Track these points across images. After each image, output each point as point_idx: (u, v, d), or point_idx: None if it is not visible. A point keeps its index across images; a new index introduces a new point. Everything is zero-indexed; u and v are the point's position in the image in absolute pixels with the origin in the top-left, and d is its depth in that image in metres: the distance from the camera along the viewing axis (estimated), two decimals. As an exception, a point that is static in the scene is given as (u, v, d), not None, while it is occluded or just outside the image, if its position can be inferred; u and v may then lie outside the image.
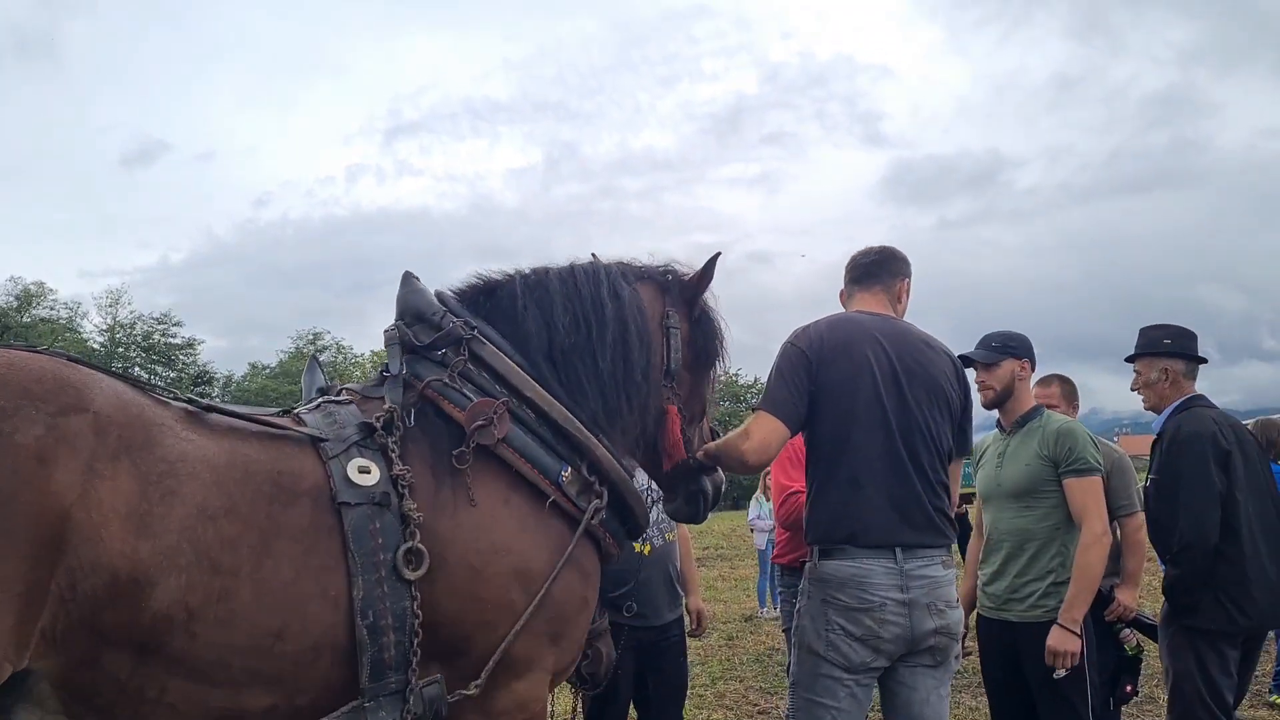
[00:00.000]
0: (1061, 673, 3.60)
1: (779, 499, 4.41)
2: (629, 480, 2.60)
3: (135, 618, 1.86)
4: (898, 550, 2.80)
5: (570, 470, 2.44)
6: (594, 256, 2.83)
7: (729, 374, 3.13)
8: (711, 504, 3.03)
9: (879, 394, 2.87)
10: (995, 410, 4.07)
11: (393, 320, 2.58)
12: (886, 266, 3.21)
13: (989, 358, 3.96)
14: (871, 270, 3.21)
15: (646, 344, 2.70)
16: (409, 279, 2.64)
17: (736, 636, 10.11)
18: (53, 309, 57.90)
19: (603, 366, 2.59)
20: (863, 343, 2.93)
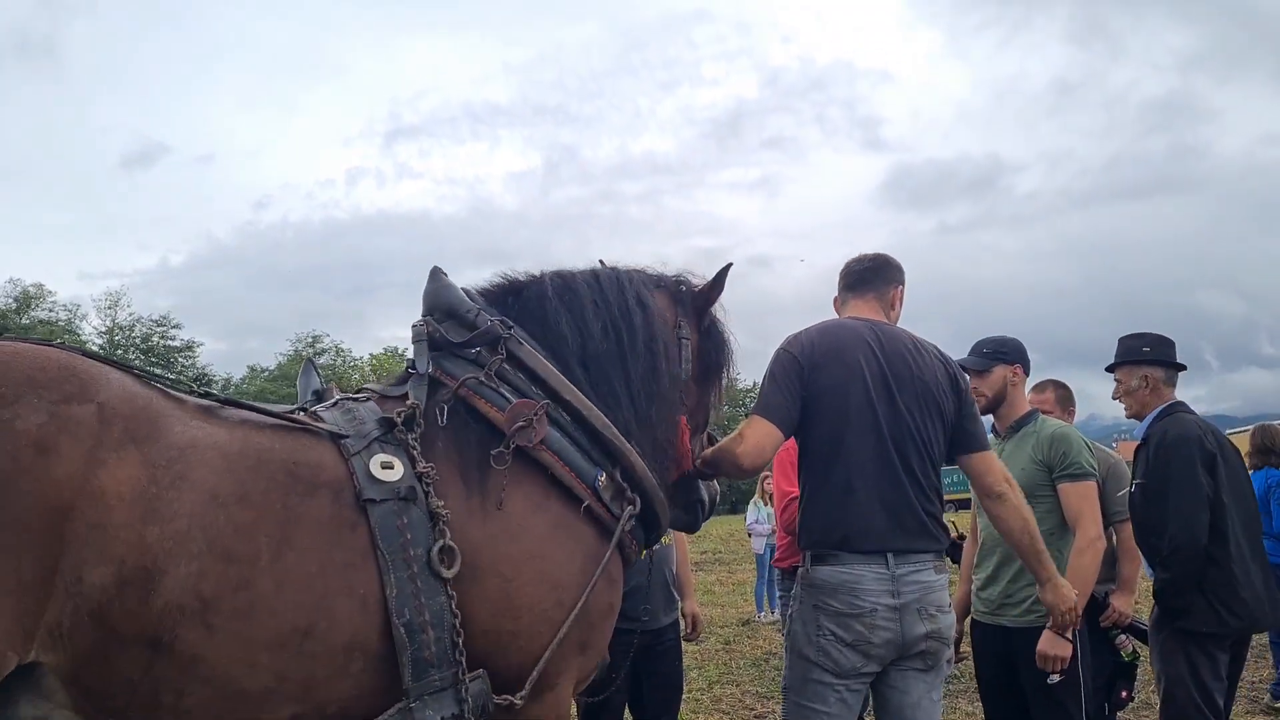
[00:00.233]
0: (1055, 678, 3.60)
1: (781, 504, 4.42)
2: (658, 489, 2.57)
3: (144, 607, 1.80)
4: (889, 556, 2.81)
5: (605, 476, 2.40)
6: (601, 263, 2.81)
7: (734, 382, 3.13)
8: (708, 513, 3.05)
9: (870, 399, 2.89)
10: (989, 416, 4.08)
11: (420, 316, 2.53)
12: (880, 273, 3.23)
13: (980, 364, 3.97)
14: (865, 277, 3.23)
15: (670, 355, 2.70)
16: (438, 274, 2.59)
17: (734, 641, 10.10)
18: (52, 311, 57.88)
19: (633, 375, 2.57)
20: (854, 348, 2.95)
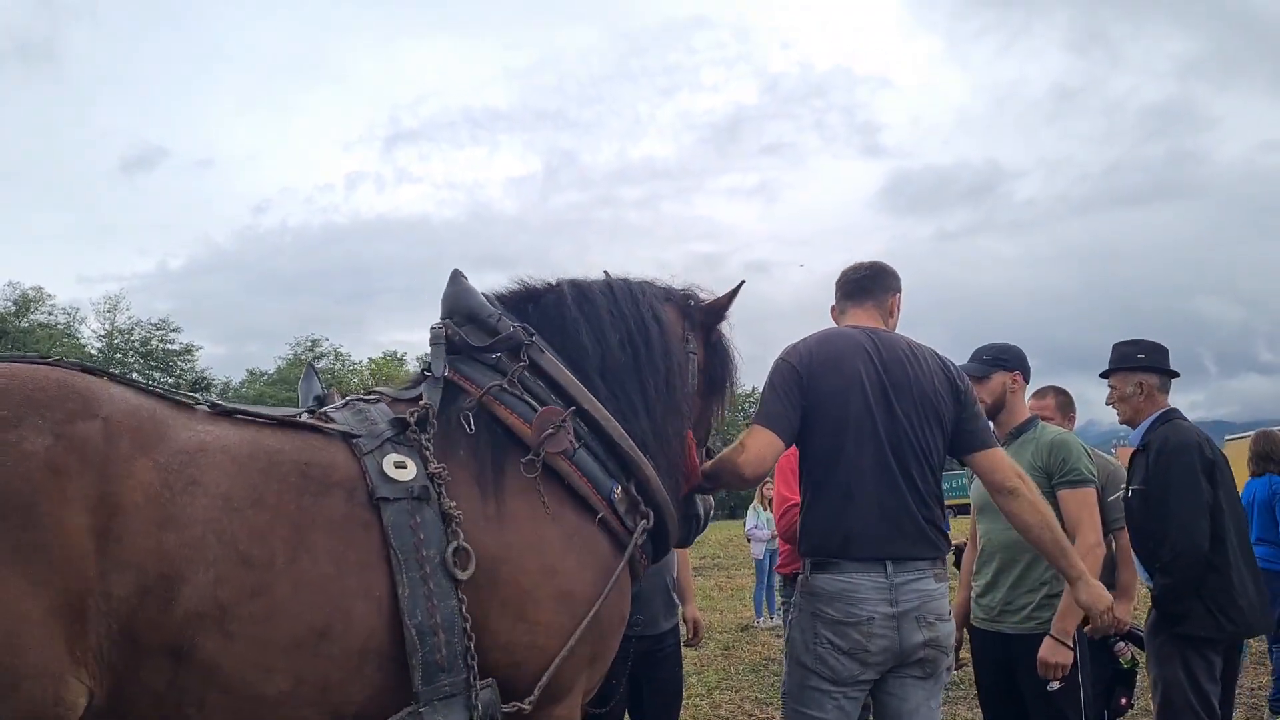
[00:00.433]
0: (1055, 685, 3.60)
1: (780, 511, 4.41)
2: (670, 503, 2.55)
3: (166, 616, 1.77)
4: (889, 563, 2.81)
5: (620, 489, 2.39)
6: (606, 273, 2.79)
7: (735, 395, 3.14)
8: (702, 527, 3.05)
9: (869, 407, 2.89)
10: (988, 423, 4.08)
11: (439, 319, 2.51)
12: (878, 281, 3.23)
13: (980, 371, 3.98)
14: (863, 285, 3.23)
15: (683, 370, 2.70)
16: (458, 277, 2.57)
17: (733, 646, 10.10)
18: (50, 314, 57.95)
19: (649, 389, 2.56)
20: (852, 356, 2.95)
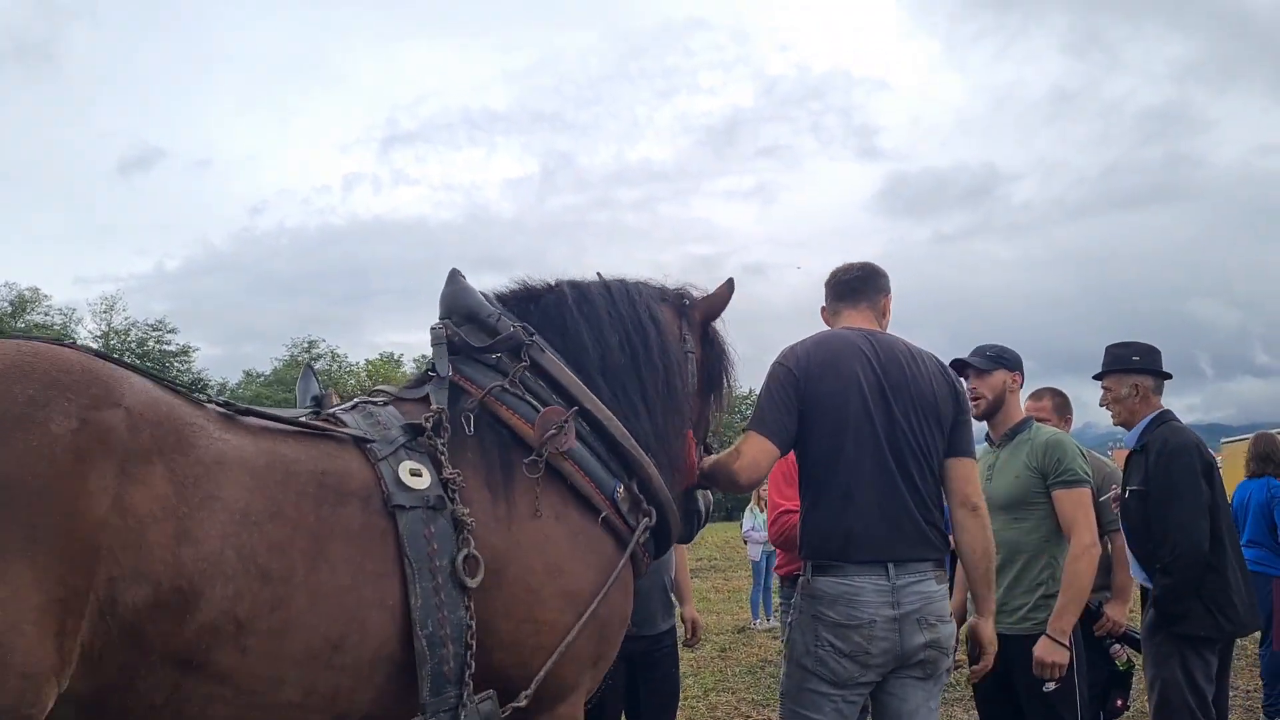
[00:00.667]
0: (1051, 685, 3.61)
1: (772, 518, 4.41)
2: (672, 501, 2.56)
3: (179, 631, 1.73)
4: (890, 566, 2.81)
5: (623, 488, 2.39)
6: (599, 275, 2.79)
7: (732, 393, 3.14)
8: (703, 523, 3.05)
9: (867, 409, 2.89)
10: (984, 422, 4.10)
11: (438, 318, 2.51)
12: (872, 283, 3.23)
13: (984, 365, 4.00)
14: (857, 287, 3.22)
15: (681, 370, 2.70)
16: (456, 277, 2.56)
17: (729, 648, 10.12)
18: (47, 315, 57.73)
19: (649, 389, 2.56)
20: (850, 359, 2.95)
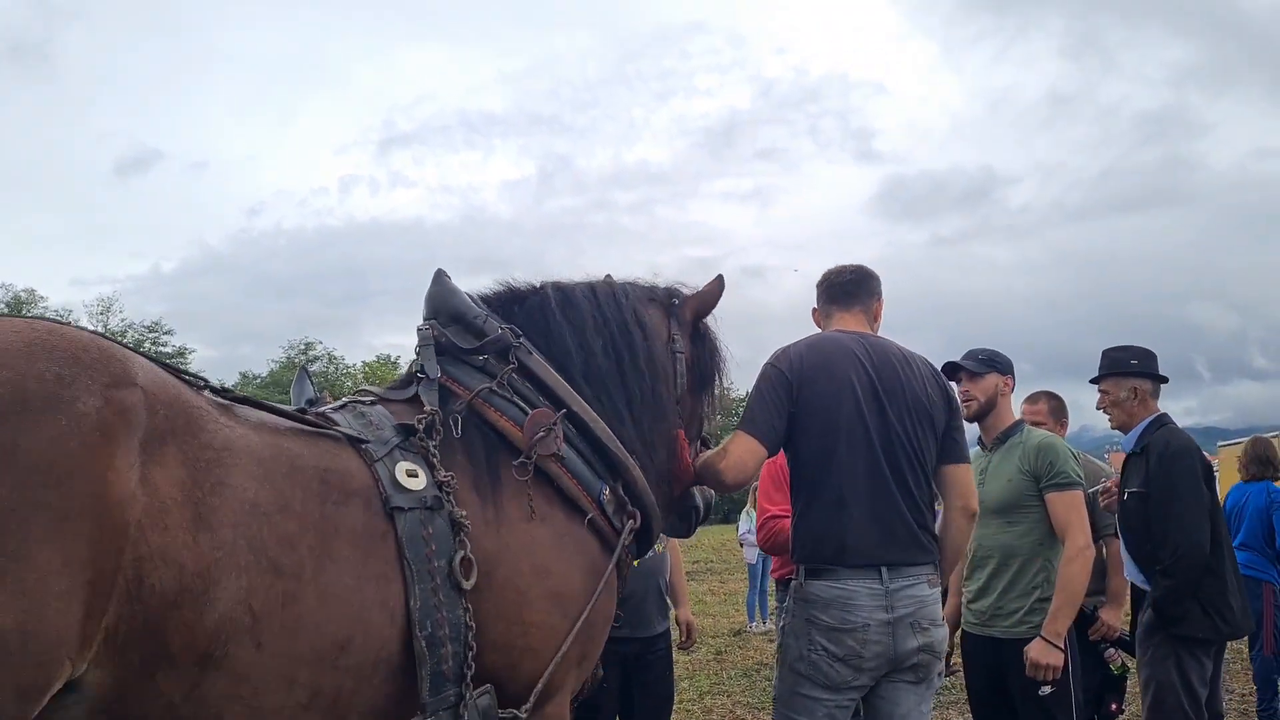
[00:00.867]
0: (1047, 689, 3.61)
1: (759, 523, 4.41)
2: (656, 504, 2.57)
3: (199, 621, 1.71)
4: (883, 569, 2.81)
5: (608, 490, 2.40)
6: (588, 278, 2.78)
7: (727, 391, 3.13)
8: (703, 518, 3.04)
9: (861, 412, 2.88)
10: (976, 425, 4.11)
11: (423, 319, 2.50)
12: (865, 286, 3.23)
13: (976, 368, 4.01)
14: (850, 290, 3.22)
15: (667, 373, 2.70)
16: (442, 277, 2.55)
17: (725, 651, 10.10)
18: (43, 316, 57.72)
19: (633, 394, 2.56)
20: (844, 362, 2.95)
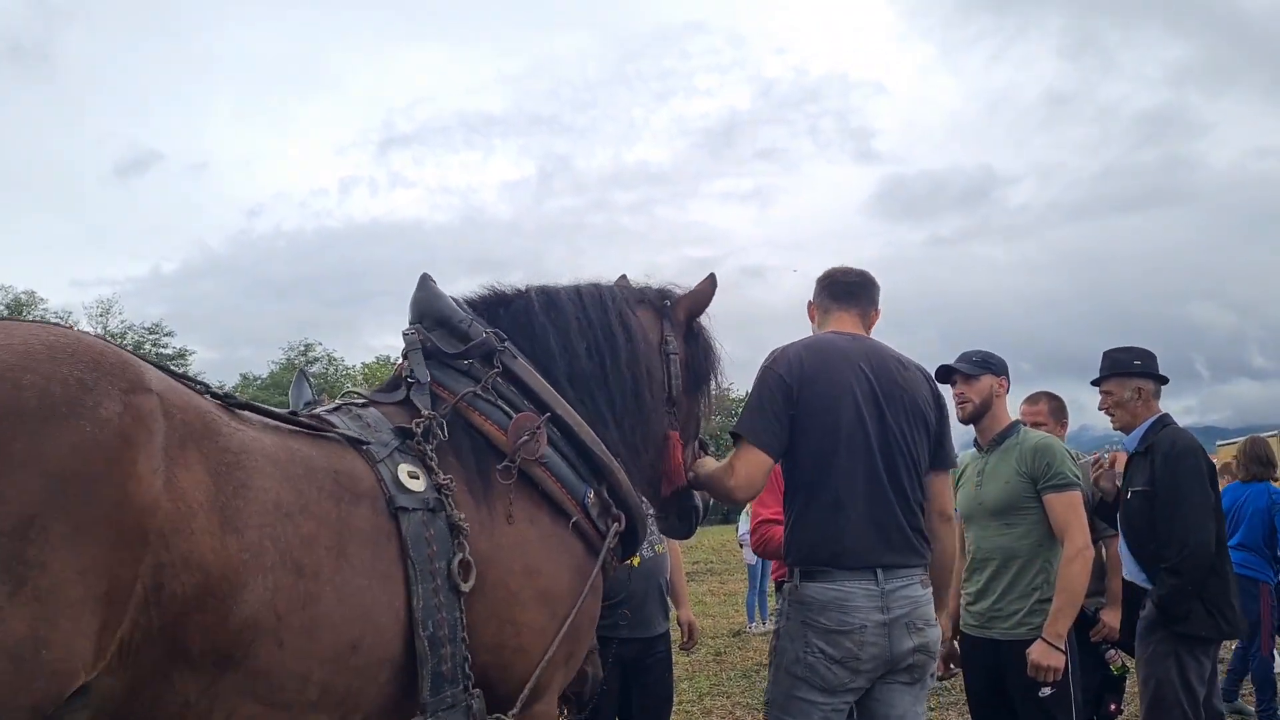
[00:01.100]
0: (1047, 690, 3.61)
1: (753, 525, 4.40)
2: (641, 506, 2.59)
3: (223, 623, 1.71)
4: (878, 571, 2.81)
5: (593, 493, 2.42)
6: (579, 282, 2.78)
7: (723, 390, 3.13)
8: (701, 518, 3.05)
9: (861, 416, 2.88)
10: (972, 427, 4.12)
11: (408, 323, 2.51)
12: (868, 291, 3.23)
13: (971, 370, 4.02)
14: (854, 291, 3.22)
15: (656, 378, 2.70)
16: (427, 282, 2.56)
17: (725, 652, 10.09)
18: (43, 318, 57.68)
19: (616, 398, 2.58)
20: (843, 365, 2.94)
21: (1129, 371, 4.24)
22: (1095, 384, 4.36)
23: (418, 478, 2.12)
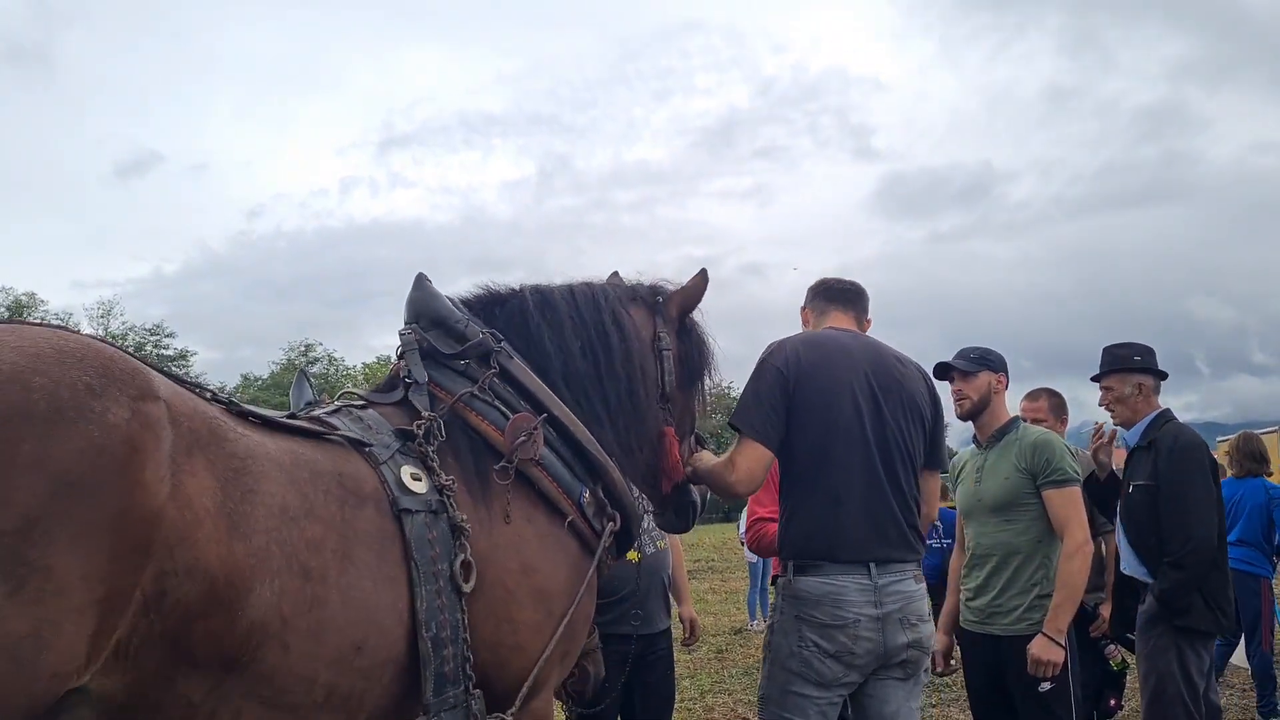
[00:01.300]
0: (1046, 685, 3.62)
1: (749, 523, 4.41)
2: (635, 505, 2.61)
3: (229, 628, 1.72)
4: (872, 565, 2.82)
5: (589, 493, 2.44)
6: (573, 282, 2.78)
7: (721, 386, 3.14)
8: (699, 513, 3.07)
9: (858, 410, 2.90)
10: (970, 424, 4.13)
11: (404, 323, 2.52)
12: (862, 299, 3.30)
13: (968, 367, 4.03)
14: (849, 296, 3.28)
15: (649, 376, 2.72)
16: (422, 281, 2.57)
17: (726, 649, 10.10)
18: (44, 320, 57.64)
19: (611, 398, 2.59)
20: (841, 359, 2.96)
21: (1129, 367, 4.26)
22: (1095, 380, 4.38)
23: (420, 479, 2.14)
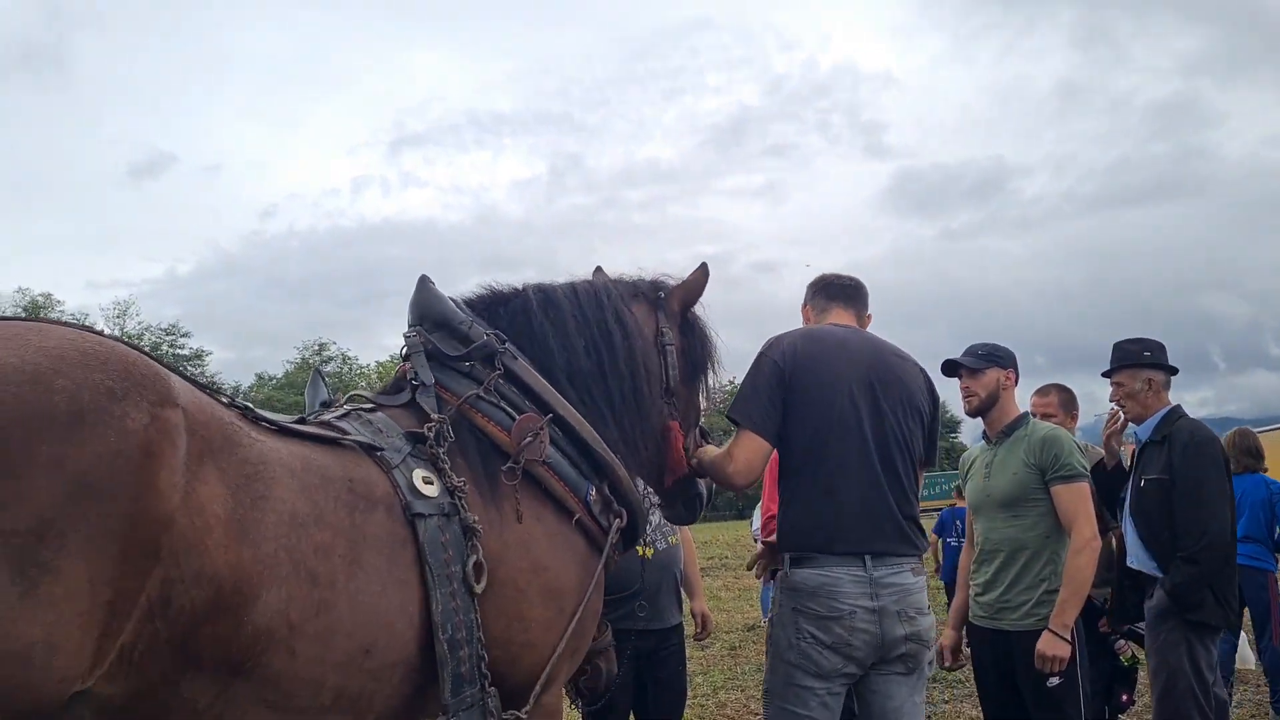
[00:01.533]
0: (1054, 680, 3.63)
1: (764, 520, 4.42)
2: (641, 501, 2.64)
3: (235, 633, 1.73)
4: (867, 558, 2.83)
5: (595, 490, 2.46)
6: (575, 279, 2.81)
7: (727, 381, 3.17)
8: (706, 504, 3.10)
9: (854, 403, 2.91)
10: (979, 420, 4.13)
11: (408, 326, 2.54)
12: (863, 295, 3.32)
13: (975, 364, 4.03)
14: (850, 293, 3.30)
15: (652, 372, 2.74)
16: (425, 283, 2.58)
17: (739, 646, 10.10)
18: (61, 321, 57.90)
19: (615, 395, 2.61)
20: (839, 353, 2.98)
21: (1139, 363, 4.26)
22: (1106, 375, 4.38)
23: (432, 483, 2.16)
